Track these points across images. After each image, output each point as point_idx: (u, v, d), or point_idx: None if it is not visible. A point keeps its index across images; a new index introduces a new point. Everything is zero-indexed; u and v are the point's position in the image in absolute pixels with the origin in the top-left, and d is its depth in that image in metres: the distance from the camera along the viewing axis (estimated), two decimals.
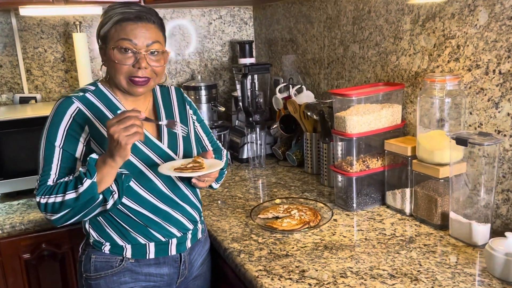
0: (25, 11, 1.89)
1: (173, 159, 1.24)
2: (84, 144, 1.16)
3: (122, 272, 1.20)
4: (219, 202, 1.72)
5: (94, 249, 1.22)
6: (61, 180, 1.11)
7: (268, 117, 2.31)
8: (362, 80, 1.82)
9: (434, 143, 1.36)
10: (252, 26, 2.69)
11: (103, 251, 1.21)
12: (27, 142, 1.82)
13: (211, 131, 1.47)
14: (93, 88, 1.22)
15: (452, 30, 1.38)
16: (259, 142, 2.14)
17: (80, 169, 1.09)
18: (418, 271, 1.16)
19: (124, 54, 1.14)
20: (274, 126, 2.17)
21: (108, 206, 1.12)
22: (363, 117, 1.50)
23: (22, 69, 2.23)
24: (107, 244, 1.21)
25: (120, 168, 1.13)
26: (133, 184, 1.18)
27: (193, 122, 1.38)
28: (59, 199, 1.08)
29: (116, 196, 1.12)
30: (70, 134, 1.14)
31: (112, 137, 1.02)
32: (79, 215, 1.12)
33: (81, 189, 1.06)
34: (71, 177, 1.11)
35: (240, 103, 2.34)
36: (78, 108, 1.16)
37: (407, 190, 1.48)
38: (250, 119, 2.23)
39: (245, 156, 2.23)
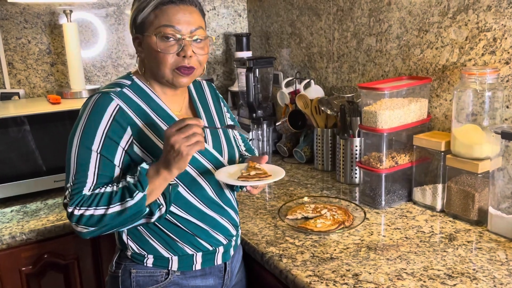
0: None
1: (219, 161, 1.14)
2: (124, 148, 1.03)
3: (169, 287, 1.09)
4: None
5: (134, 263, 1.10)
6: (102, 191, 0.98)
7: (271, 113, 2.23)
8: (378, 73, 1.78)
9: (472, 138, 1.34)
10: (246, 19, 2.60)
11: (145, 264, 1.09)
12: (13, 144, 1.64)
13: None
14: (129, 82, 1.09)
15: (488, 22, 1.36)
16: (265, 138, 2.06)
17: (129, 179, 0.97)
18: (474, 269, 1.12)
19: (167, 42, 1.02)
20: (281, 121, 2.09)
21: (153, 220, 1.01)
22: (394, 112, 1.45)
23: (3, 62, 2.02)
24: (150, 256, 1.09)
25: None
26: (183, 191, 1.07)
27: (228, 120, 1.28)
28: (99, 212, 0.96)
29: (163, 209, 1.01)
30: (110, 137, 1.01)
31: (173, 147, 0.92)
32: (116, 229, 1.00)
33: (130, 202, 0.95)
34: (114, 188, 0.98)
35: (241, 99, 2.25)
36: (118, 107, 1.03)
37: (439, 186, 1.46)
38: (254, 115, 2.14)
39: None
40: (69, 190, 0.99)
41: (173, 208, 1.07)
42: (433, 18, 1.52)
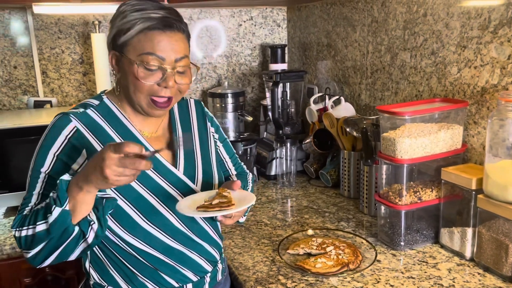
0: (39, 9, 1.73)
1: (190, 188, 1.04)
2: (77, 171, 0.96)
3: None
4: (243, 228, 1.51)
5: None
6: (34, 208, 0.94)
7: (299, 130, 2.08)
8: (412, 93, 1.57)
9: (508, 177, 1.11)
10: (285, 29, 2.47)
11: None
12: (28, 152, 1.66)
13: (234, 151, 1.26)
14: (96, 102, 1.03)
15: None
16: (289, 158, 1.92)
17: (51, 194, 0.89)
18: None
19: (148, 71, 0.96)
20: (307, 140, 1.94)
21: (90, 240, 0.91)
22: (417, 140, 1.25)
23: (37, 71, 2.08)
24: None
25: (125, 201, 0.94)
26: (140, 220, 0.98)
27: (215, 142, 1.17)
28: (30, 232, 0.90)
29: (95, 226, 0.91)
30: (61, 159, 0.96)
31: (102, 172, 0.80)
32: (57, 253, 0.91)
33: (51, 219, 0.87)
34: (43, 204, 0.92)
35: (270, 114, 2.13)
36: (75, 129, 0.97)
37: (469, 230, 1.23)
38: (280, 132, 2.01)
39: (273, 173, 2.01)
40: (17, 212, 0.96)
41: (131, 239, 0.98)
42: (472, 32, 1.30)
